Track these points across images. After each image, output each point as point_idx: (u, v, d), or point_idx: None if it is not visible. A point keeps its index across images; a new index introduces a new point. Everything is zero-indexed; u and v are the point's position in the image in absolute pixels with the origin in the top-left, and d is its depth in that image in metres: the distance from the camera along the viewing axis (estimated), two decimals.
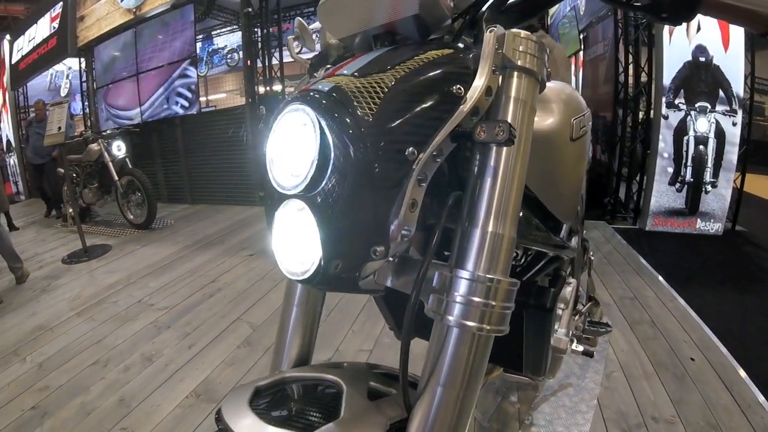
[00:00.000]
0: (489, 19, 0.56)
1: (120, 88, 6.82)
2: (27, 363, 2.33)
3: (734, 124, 3.78)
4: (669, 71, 3.81)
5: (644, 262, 3.16)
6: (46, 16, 7.59)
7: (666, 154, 3.93)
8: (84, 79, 7.48)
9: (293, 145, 0.45)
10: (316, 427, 0.45)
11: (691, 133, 3.83)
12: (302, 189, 0.44)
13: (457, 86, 0.47)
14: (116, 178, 4.89)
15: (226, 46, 8.82)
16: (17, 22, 9.72)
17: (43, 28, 7.73)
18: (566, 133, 0.74)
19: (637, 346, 2.08)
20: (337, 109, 0.43)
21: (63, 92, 8.34)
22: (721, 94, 3.76)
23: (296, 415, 0.49)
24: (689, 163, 3.87)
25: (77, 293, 3.26)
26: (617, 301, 2.57)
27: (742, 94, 3.76)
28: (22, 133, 6.15)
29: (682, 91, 3.81)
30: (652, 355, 2.00)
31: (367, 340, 2.24)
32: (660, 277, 2.89)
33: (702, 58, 3.74)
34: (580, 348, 1.06)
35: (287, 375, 0.56)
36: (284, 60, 5.87)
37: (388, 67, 0.47)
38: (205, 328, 2.54)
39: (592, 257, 1.62)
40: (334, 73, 0.49)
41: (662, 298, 2.58)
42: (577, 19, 5.28)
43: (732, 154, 3.83)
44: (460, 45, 0.53)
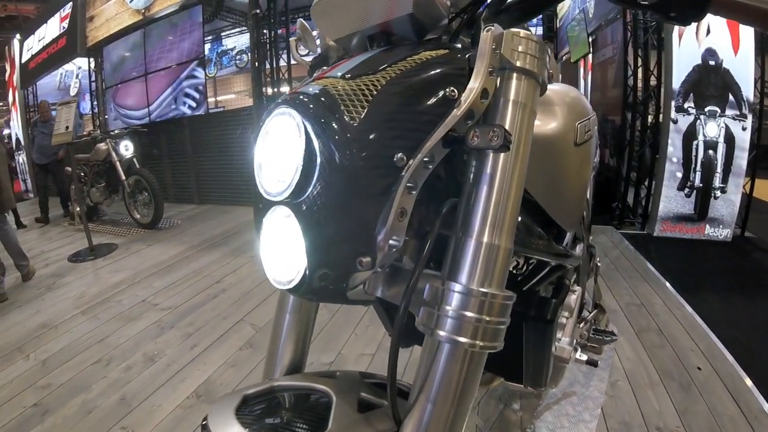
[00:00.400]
0: (487, 19, 0.54)
1: (128, 88, 6.88)
2: (30, 360, 2.35)
3: (744, 129, 3.73)
4: (678, 75, 3.77)
5: (652, 269, 3.12)
6: (56, 16, 7.68)
7: (675, 159, 3.88)
8: (93, 79, 7.55)
9: (280, 150, 0.44)
10: None
11: (701, 138, 3.79)
12: (288, 196, 0.42)
13: (451, 88, 0.45)
14: (123, 178, 4.92)
15: (235, 47, 8.87)
16: (27, 22, 9.84)
17: (52, 28, 7.81)
18: (570, 138, 0.71)
19: (643, 355, 2.05)
20: (323, 113, 0.41)
21: (72, 92, 8.42)
22: (731, 98, 3.71)
23: (282, 426, 0.48)
24: (698, 168, 3.82)
25: (82, 292, 3.28)
26: (624, 307, 2.54)
27: (751, 98, 3.71)
28: (30, 133, 6.16)
29: (692, 94, 3.77)
30: (659, 364, 1.97)
31: (370, 344, 2.23)
32: (667, 284, 2.85)
33: (712, 62, 3.70)
34: (584, 357, 1.03)
35: (276, 384, 0.54)
36: (292, 62, 5.88)
37: (379, 69, 0.45)
38: (208, 329, 2.54)
39: (598, 263, 1.59)
40: (324, 75, 0.47)
41: (669, 306, 2.54)
42: (585, 21, 5.23)
43: (741, 159, 3.77)
44: (457, 45, 0.51)
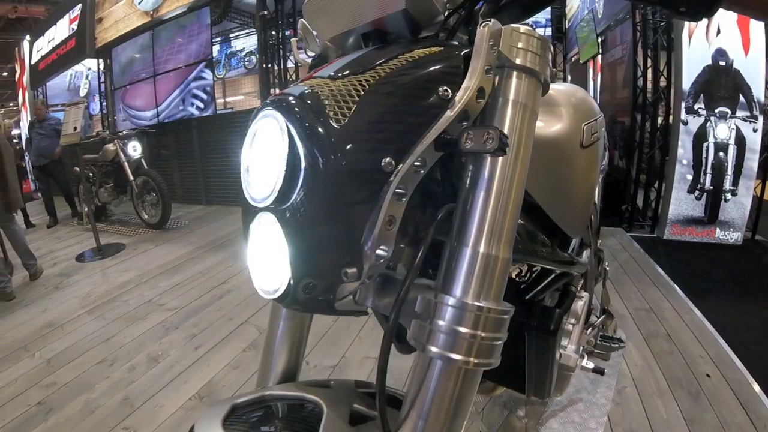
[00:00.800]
0: (486, 15, 0.51)
1: (137, 89, 6.93)
2: (36, 359, 2.36)
3: (755, 131, 3.66)
4: (688, 75, 3.71)
5: (661, 272, 3.07)
6: (65, 18, 7.77)
7: (685, 161, 3.82)
8: (102, 80, 7.62)
9: (265, 153, 0.42)
10: None
11: (711, 140, 3.72)
12: (272, 202, 0.40)
13: (444, 88, 0.42)
14: (131, 178, 4.95)
15: (243, 48, 8.89)
16: (37, 23, 9.96)
17: (62, 30, 7.90)
18: (576, 140, 0.69)
19: (652, 361, 2.01)
20: (307, 116, 0.39)
21: (82, 92, 8.50)
22: (741, 99, 3.64)
23: None
24: (708, 171, 3.76)
25: (89, 291, 3.30)
26: (632, 312, 2.49)
27: (762, 100, 3.64)
28: (27, 134, 6.11)
29: (702, 96, 3.71)
30: (667, 371, 1.93)
31: (374, 347, 2.21)
32: (677, 288, 2.79)
33: (722, 62, 3.63)
34: (591, 365, 1.00)
35: (267, 393, 0.53)
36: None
37: (368, 68, 0.43)
38: (213, 330, 2.54)
39: (607, 267, 1.56)
40: (313, 75, 0.45)
41: (679, 311, 2.50)
42: (595, 22, 5.18)
43: (752, 161, 3.70)
44: (454, 42, 0.49)
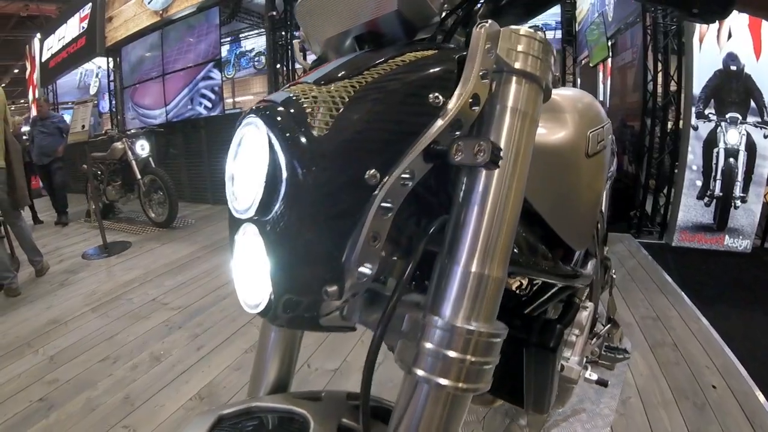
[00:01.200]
0: (485, 16, 0.49)
1: (146, 88, 6.99)
2: (39, 355, 2.37)
3: (765, 137, 3.60)
4: (699, 80, 3.67)
5: (669, 280, 3.03)
6: (76, 17, 7.86)
7: (695, 167, 3.77)
8: (111, 79, 7.68)
9: (247, 163, 0.40)
10: None
11: (721, 145, 3.67)
12: (254, 213, 0.39)
13: (435, 94, 0.40)
14: (139, 177, 4.97)
15: (253, 48, 8.93)
16: (48, 22, 10.07)
17: (72, 28, 8.00)
18: (581, 148, 0.66)
19: (657, 371, 1.98)
20: (288, 124, 0.37)
21: (92, 90, 8.59)
22: (753, 104, 3.59)
23: None
24: (718, 177, 3.71)
25: (94, 289, 3.31)
26: (639, 321, 2.46)
27: None
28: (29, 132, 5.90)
29: (713, 100, 3.66)
30: (672, 381, 1.90)
31: None
32: (685, 296, 2.75)
33: (733, 67, 3.58)
34: (594, 377, 0.97)
35: (254, 404, 0.52)
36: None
37: (356, 73, 0.40)
38: (215, 331, 2.54)
39: (614, 275, 1.53)
40: (299, 81, 0.43)
41: (686, 319, 2.46)
42: (605, 25, 5.14)
43: (763, 168, 3.65)
44: (450, 45, 0.46)
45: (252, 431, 0.49)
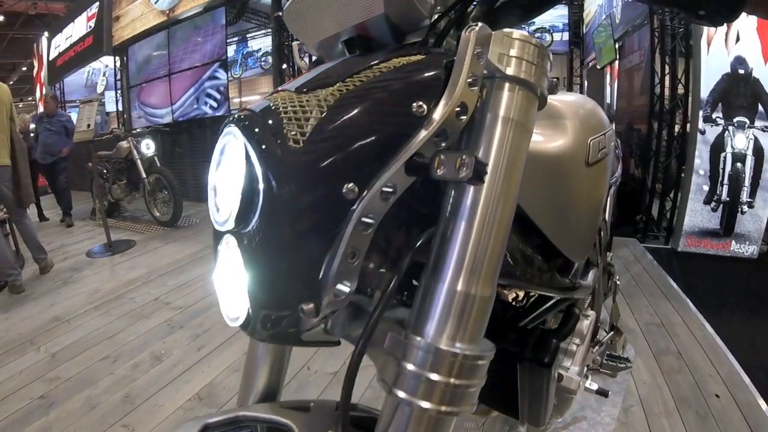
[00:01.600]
0: (478, 18, 0.46)
1: (153, 87, 7.02)
2: (41, 353, 2.38)
3: None
4: (706, 83, 3.63)
5: (674, 286, 2.99)
6: (83, 15, 7.91)
7: (702, 171, 3.73)
8: (118, 78, 7.72)
9: (227, 173, 0.39)
10: None
11: (729, 150, 3.63)
12: (232, 226, 0.38)
13: (419, 103, 0.37)
14: (144, 176, 4.99)
15: (260, 48, 8.97)
16: (56, 20, 10.15)
17: (80, 27, 8.05)
18: (581, 157, 0.63)
19: (660, 379, 1.95)
20: (264, 135, 0.36)
21: (99, 89, 8.65)
22: (760, 108, 3.55)
23: None
24: (725, 182, 3.67)
25: (97, 287, 3.33)
26: (643, 327, 2.43)
27: None
28: (34, 129, 5.73)
29: (720, 104, 3.62)
30: (675, 390, 1.87)
31: None
32: (690, 303, 2.72)
33: (741, 70, 3.54)
34: (595, 386, 0.94)
35: (241, 414, 0.51)
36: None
37: (337, 80, 0.39)
38: (216, 331, 2.53)
39: (618, 281, 1.51)
40: (281, 88, 0.42)
41: (691, 327, 2.43)
42: (612, 27, 5.11)
43: None
44: (439, 50, 0.44)
45: None
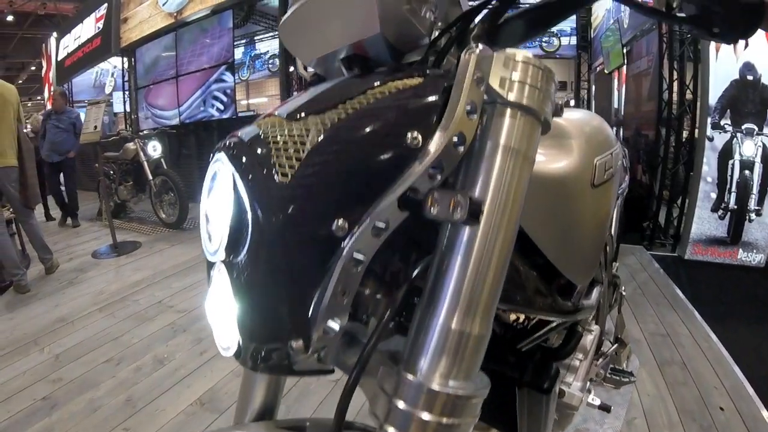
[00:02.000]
0: (479, 37, 0.44)
1: (160, 89, 7.06)
2: (45, 354, 2.39)
3: None
4: (715, 89, 3.59)
5: (680, 295, 2.96)
6: (92, 17, 7.98)
7: (709, 179, 3.69)
8: (126, 79, 7.77)
9: (217, 202, 0.38)
10: None
11: (737, 157, 3.59)
12: (223, 256, 0.37)
13: (414, 134, 0.35)
14: (150, 178, 5.01)
15: (268, 51, 9.00)
16: (65, 21, 10.25)
17: (88, 28, 8.11)
18: (586, 178, 0.60)
19: (665, 391, 1.93)
20: (251, 167, 0.35)
21: (107, 90, 8.70)
22: None
23: None
24: (733, 189, 3.63)
25: (102, 288, 3.34)
26: (648, 337, 2.40)
27: None
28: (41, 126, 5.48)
29: (729, 111, 3.58)
30: (680, 402, 1.85)
31: None
32: (696, 313, 2.69)
33: (750, 77, 3.50)
34: (597, 401, 0.93)
35: None
36: None
37: (330, 107, 0.37)
38: None
39: (623, 292, 1.48)
40: (272, 113, 0.40)
41: (696, 337, 2.40)
42: (620, 32, 5.08)
43: None
44: (439, 72, 0.41)
45: None
